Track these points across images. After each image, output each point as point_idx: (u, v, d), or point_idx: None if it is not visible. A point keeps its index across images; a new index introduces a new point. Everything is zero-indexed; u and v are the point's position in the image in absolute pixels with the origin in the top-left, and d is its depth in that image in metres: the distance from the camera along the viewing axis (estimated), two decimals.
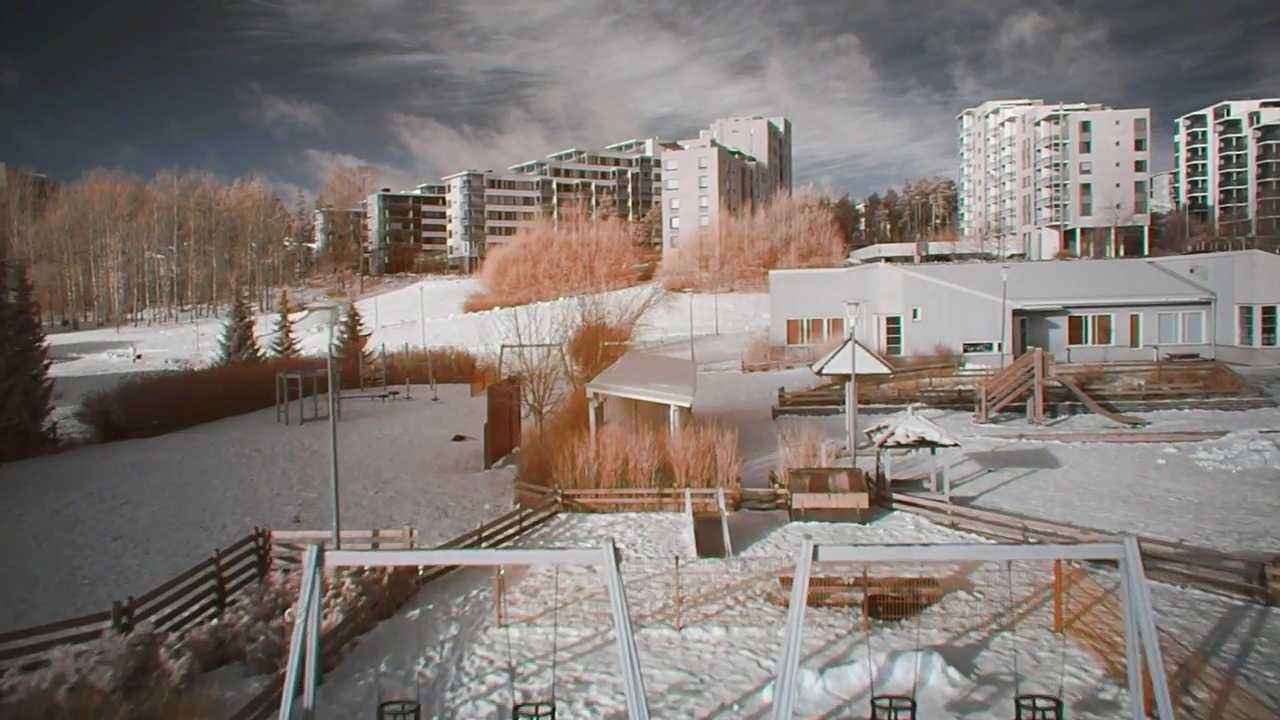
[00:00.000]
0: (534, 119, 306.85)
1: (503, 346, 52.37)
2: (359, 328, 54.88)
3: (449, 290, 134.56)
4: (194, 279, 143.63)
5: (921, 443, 20.38)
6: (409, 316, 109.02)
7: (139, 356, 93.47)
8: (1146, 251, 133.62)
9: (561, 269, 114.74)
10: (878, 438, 20.97)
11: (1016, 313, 41.74)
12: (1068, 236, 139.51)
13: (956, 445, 20.46)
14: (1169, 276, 46.19)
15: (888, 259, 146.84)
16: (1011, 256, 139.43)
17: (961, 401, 33.24)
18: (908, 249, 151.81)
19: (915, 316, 41.35)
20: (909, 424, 20.62)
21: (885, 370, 26.32)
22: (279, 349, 54.04)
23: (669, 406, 22.63)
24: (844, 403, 29.00)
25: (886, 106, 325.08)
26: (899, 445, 20.43)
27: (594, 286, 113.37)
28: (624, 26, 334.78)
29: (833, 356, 26.53)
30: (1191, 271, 45.51)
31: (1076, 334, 44.24)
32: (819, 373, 26.67)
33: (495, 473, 26.08)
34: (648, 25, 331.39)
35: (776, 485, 20.49)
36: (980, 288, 43.05)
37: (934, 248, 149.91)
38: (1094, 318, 44.14)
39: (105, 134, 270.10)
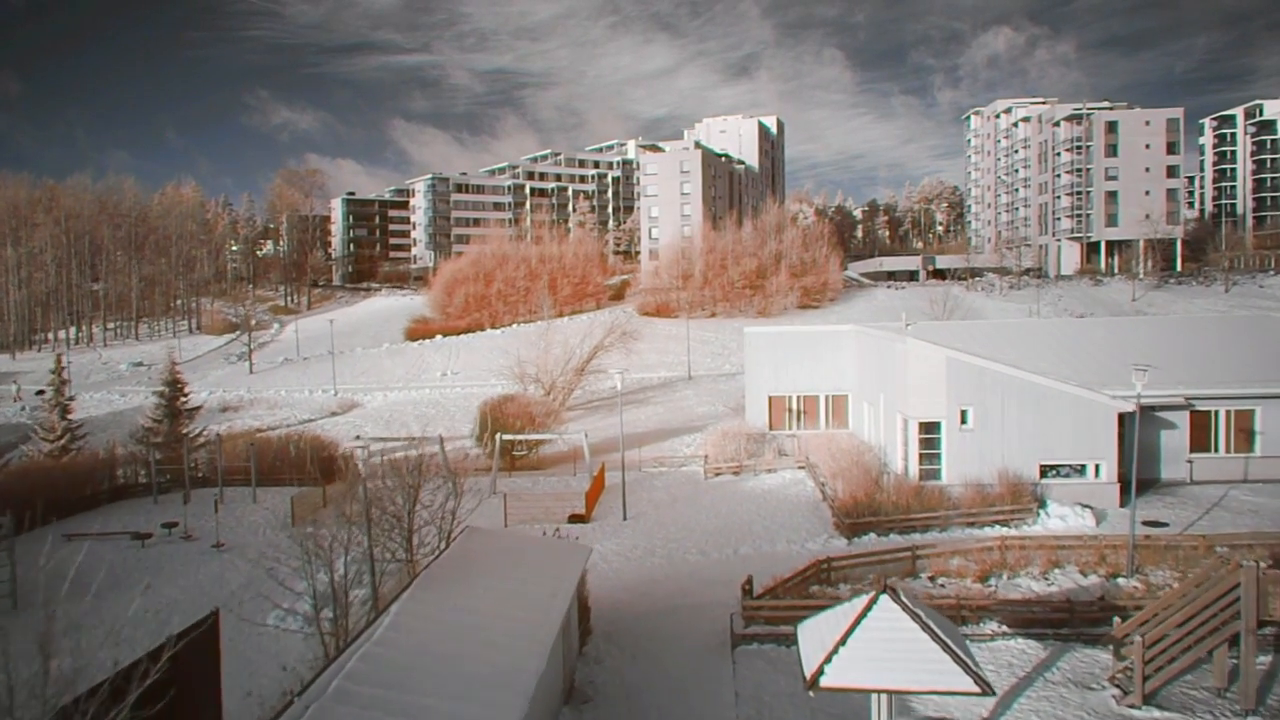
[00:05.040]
0: (531, 121, 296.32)
1: (357, 438, 37.20)
2: (181, 398, 39.51)
3: (399, 309, 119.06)
4: (116, 293, 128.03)
5: None
6: (340, 344, 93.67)
7: (17, 396, 77.98)
8: (1179, 267, 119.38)
9: (518, 289, 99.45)
10: None
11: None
12: (1091, 250, 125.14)
13: None
14: None
15: (890, 275, 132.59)
16: (1028, 271, 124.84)
17: (1071, 620, 18.22)
18: (912, 262, 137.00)
19: (964, 422, 26.42)
20: None
21: (970, 691, 11.32)
22: (48, 439, 38.37)
23: None
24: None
25: (879, 109, 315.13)
26: None
27: (555, 308, 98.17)
28: (622, 28, 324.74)
29: (840, 646, 11.56)
30: None
31: (1202, 437, 29.36)
32: (813, 685, 11.65)
33: None
34: (646, 26, 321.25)
35: None
36: (1054, 363, 28.16)
37: (941, 261, 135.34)
38: (1229, 413, 29.24)
39: (99, 135, 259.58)
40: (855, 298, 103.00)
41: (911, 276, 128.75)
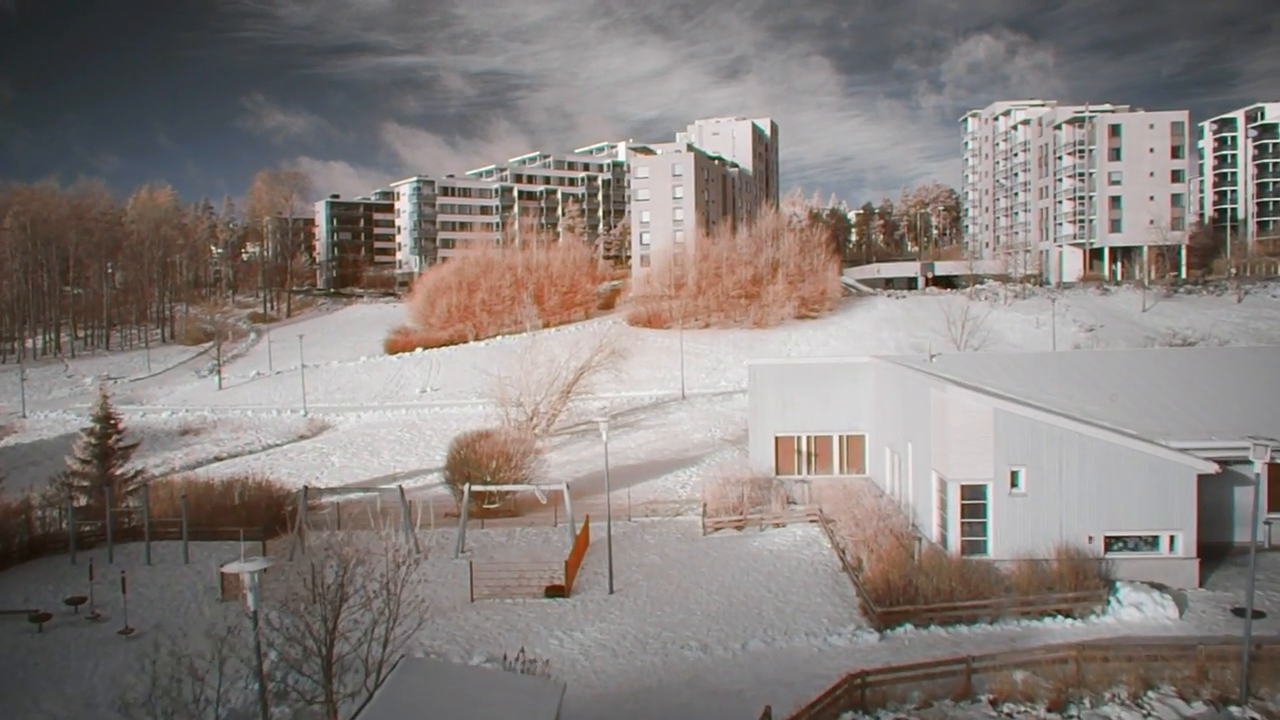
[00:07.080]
0: (522, 124, 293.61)
1: (304, 488, 32.67)
2: (113, 436, 34.96)
3: (380, 318, 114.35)
4: (87, 300, 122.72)
5: None
6: (316, 356, 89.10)
7: None
8: (1184, 274, 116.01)
9: (503, 299, 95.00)
10: None
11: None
12: (1093, 256, 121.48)
13: None
14: None
15: (888, 282, 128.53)
16: (1028, 278, 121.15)
17: None
18: (910, 268, 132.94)
19: (1015, 485, 22.35)
20: None
21: None
22: None
23: None
24: None
25: (867, 112, 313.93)
26: None
27: (543, 317, 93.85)
28: (614, 30, 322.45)
29: None
30: None
31: None
32: None
33: None
34: (638, 29, 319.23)
35: None
36: (1109, 407, 24.05)
37: (940, 268, 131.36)
38: None
39: (95, 141, 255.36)
40: (855, 307, 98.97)
41: (910, 284, 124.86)
